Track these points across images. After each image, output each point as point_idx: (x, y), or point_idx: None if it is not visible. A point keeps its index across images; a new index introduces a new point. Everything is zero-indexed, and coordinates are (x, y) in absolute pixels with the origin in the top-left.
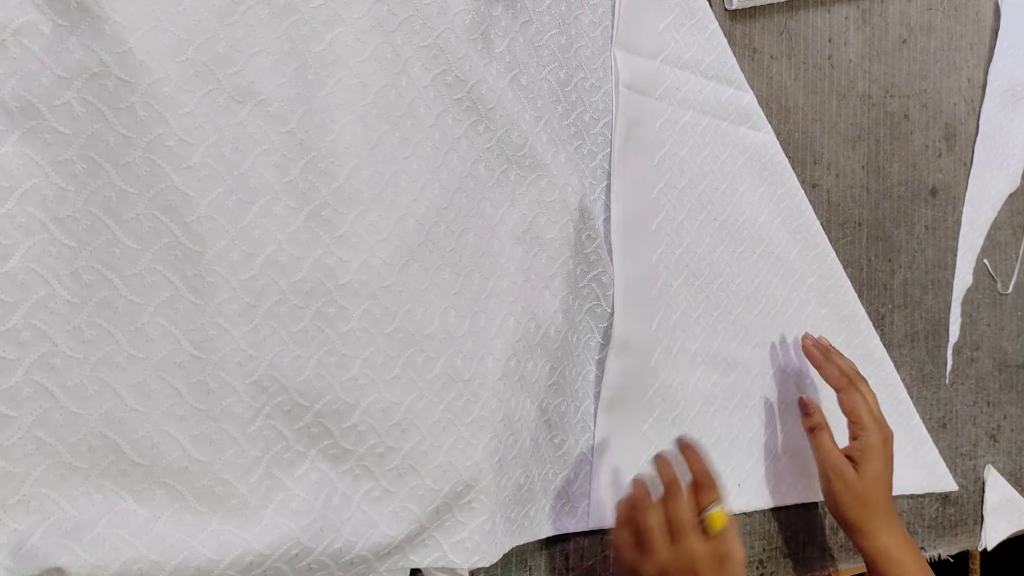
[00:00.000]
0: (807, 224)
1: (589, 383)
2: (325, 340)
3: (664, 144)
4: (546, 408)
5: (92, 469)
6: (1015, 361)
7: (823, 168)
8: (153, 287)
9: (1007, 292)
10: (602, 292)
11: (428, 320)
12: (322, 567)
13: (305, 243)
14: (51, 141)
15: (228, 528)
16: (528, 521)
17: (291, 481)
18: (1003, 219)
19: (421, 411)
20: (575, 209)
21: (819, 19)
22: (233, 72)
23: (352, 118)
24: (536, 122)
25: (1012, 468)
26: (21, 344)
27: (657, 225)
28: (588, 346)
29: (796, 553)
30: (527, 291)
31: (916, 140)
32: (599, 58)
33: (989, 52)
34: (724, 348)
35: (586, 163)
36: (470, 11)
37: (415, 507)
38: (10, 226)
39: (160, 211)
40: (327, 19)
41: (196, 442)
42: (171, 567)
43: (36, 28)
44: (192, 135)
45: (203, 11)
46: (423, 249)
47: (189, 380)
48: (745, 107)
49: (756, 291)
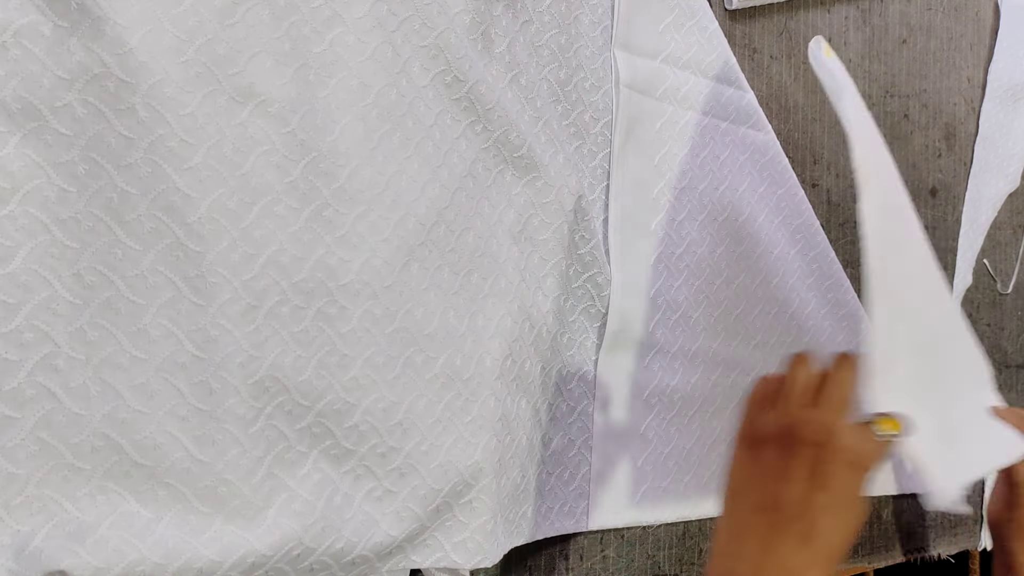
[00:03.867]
0: (807, 224)
1: (587, 383)
2: (326, 340)
3: (664, 144)
4: (539, 408)
5: (95, 470)
6: (1015, 361)
7: (823, 168)
8: (155, 288)
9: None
10: (597, 293)
11: (428, 320)
12: (324, 567)
13: (306, 243)
14: (52, 143)
15: (231, 529)
16: (526, 521)
17: (293, 481)
18: (1003, 219)
19: (421, 411)
20: (570, 211)
21: (819, 19)
22: (234, 73)
23: (353, 118)
24: (535, 122)
25: None
26: (23, 345)
27: (656, 225)
28: (584, 346)
29: None
30: (523, 291)
31: (916, 140)
32: (599, 58)
33: (989, 52)
34: (724, 348)
35: (586, 163)
36: (470, 11)
37: (416, 507)
38: (12, 227)
39: (162, 212)
40: (328, 19)
41: (198, 443)
42: (174, 569)
43: (37, 29)
44: (193, 136)
45: (204, 12)
46: (423, 249)
47: (191, 381)
48: (745, 107)
49: (756, 291)
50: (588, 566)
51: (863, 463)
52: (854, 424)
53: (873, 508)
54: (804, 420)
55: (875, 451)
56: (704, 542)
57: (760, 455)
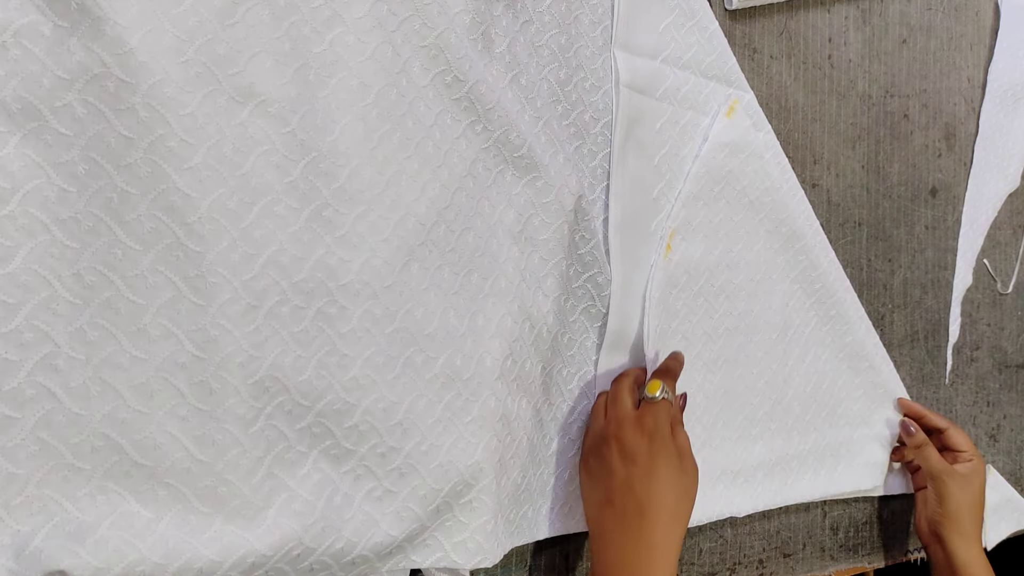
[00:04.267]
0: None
1: (587, 383)
2: (326, 340)
3: (664, 144)
4: (539, 408)
5: (95, 470)
6: (1015, 361)
7: (823, 168)
8: (155, 288)
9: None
10: (597, 293)
11: (428, 320)
12: (324, 567)
13: (306, 243)
14: (52, 142)
15: (231, 529)
16: (526, 522)
17: (293, 482)
18: (1003, 219)
19: (421, 411)
20: (571, 211)
21: (819, 19)
22: (234, 73)
23: (353, 118)
24: (536, 122)
25: (1012, 468)
26: (23, 345)
27: (656, 225)
28: (584, 346)
29: (796, 553)
30: (523, 291)
31: (916, 140)
32: (599, 58)
33: (989, 52)
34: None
35: (586, 163)
36: (470, 11)
37: (416, 507)
38: (12, 227)
39: (162, 212)
40: (328, 19)
41: (198, 443)
42: (174, 569)
43: (37, 29)
44: (193, 136)
45: (204, 12)
46: (423, 249)
47: (191, 381)
48: (745, 107)
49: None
50: (588, 566)
51: (650, 429)
52: (636, 408)
53: (873, 508)
54: (602, 424)
55: (655, 414)
56: (704, 542)
57: (589, 467)
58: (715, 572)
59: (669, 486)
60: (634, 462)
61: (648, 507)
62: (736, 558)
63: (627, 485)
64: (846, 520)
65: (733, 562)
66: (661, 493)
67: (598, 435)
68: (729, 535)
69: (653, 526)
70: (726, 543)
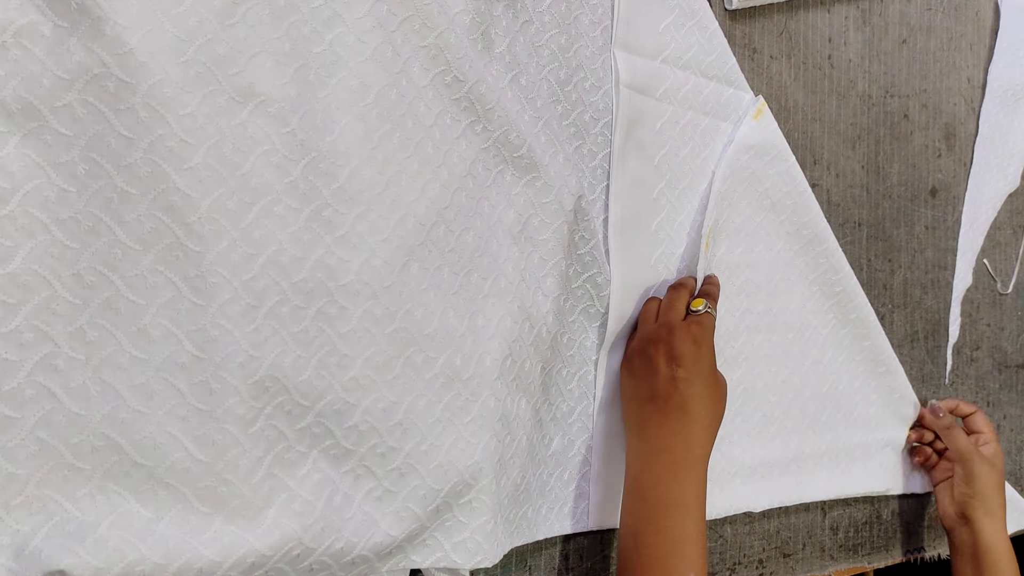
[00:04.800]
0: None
1: (587, 384)
2: (326, 340)
3: (664, 145)
4: (539, 408)
5: (95, 470)
6: (1015, 361)
7: (823, 168)
8: (155, 288)
9: (1007, 292)
10: (596, 293)
11: (428, 320)
12: (323, 567)
13: (306, 243)
14: (52, 143)
15: (231, 529)
16: (526, 522)
17: (293, 482)
18: (1003, 219)
19: (421, 411)
20: (570, 211)
21: (819, 19)
22: (234, 73)
23: (353, 118)
24: (535, 122)
25: (1012, 468)
26: (23, 345)
27: (657, 225)
28: (583, 346)
29: (796, 553)
30: (523, 291)
31: (916, 140)
32: (599, 58)
33: (989, 52)
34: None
35: (586, 163)
36: (470, 11)
37: (416, 507)
38: (12, 228)
39: (161, 212)
40: (327, 19)
41: (198, 443)
42: (174, 569)
43: (37, 29)
44: (193, 136)
45: (204, 12)
46: (423, 249)
47: (191, 381)
48: (746, 107)
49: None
50: (588, 566)
51: (697, 337)
52: (685, 318)
53: (873, 508)
54: (652, 328)
55: (703, 325)
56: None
57: (632, 367)
58: (715, 572)
59: (709, 390)
60: (680, 364)
61: (690, 405)
62: (736, 558)
63: (672, 384)
64: (846, 520)
65: (733, 562)
66: (704, 395)
67: (647, 337)
68: (729, 535)
69: (693, 422)
70: (726, 543)
